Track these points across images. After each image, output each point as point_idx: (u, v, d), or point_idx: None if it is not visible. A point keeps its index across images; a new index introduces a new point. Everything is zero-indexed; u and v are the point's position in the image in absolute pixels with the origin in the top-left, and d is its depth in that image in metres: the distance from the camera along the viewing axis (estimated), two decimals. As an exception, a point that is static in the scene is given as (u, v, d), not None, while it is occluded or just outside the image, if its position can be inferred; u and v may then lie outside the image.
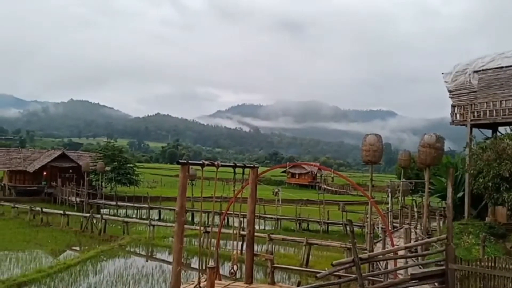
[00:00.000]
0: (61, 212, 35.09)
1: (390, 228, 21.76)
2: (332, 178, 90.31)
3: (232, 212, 13.97)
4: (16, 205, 39.38)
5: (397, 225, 28.76)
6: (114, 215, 41.38)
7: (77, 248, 27.59)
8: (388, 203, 30.27)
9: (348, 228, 9.30)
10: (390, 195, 29.73)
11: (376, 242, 20.59)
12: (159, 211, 43.43)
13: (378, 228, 23.98)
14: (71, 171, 53.67)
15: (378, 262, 14.64)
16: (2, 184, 57.10)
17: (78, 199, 45.59)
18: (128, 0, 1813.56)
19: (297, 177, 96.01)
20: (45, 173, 53.79)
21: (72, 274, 19.70)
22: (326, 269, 14.79)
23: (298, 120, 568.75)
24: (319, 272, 10.93)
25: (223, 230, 17.59)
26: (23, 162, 55.89)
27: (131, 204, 45.89)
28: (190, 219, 39.61)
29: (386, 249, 13.78)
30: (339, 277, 12.25)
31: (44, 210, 36.20)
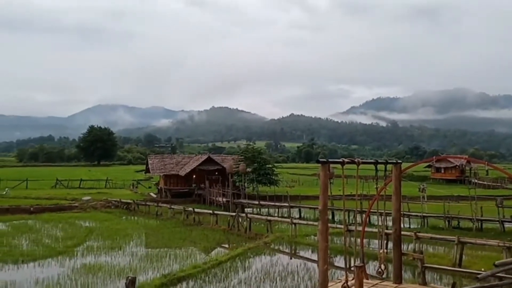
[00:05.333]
0: (210, 212, 37.52)
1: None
2: (487, 171, 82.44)
3: (376, 210, 13.62)
4: (172, 206, 43.19)
5: None
6: (257, 214, 43.11)
7: (226, 246, 29.17)
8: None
9: None
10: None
11: (543, 241, 18.34)
12: (299, 210, 44.07)
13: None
14: (216, 173, 57.37)
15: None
16: (159, 188, 63.55)
17: (224, 199, 48.49)
18: (258, 9, 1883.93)
19: (442, 171, 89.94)
20: (194, 176, 58.29)
21: (224, 270, 20.88)
22: (483, 269, 13.63)
23: (440, 111, 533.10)
24: (475, 273, 10.10)
25: (366, 228, 17.23)
26: (175, 167, 61.36)
27: (272, 203, 47.35)
28: (330, 217, 39.48)
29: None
30: (500, 278, 11.20)
31: (196, 210, 39.01)
